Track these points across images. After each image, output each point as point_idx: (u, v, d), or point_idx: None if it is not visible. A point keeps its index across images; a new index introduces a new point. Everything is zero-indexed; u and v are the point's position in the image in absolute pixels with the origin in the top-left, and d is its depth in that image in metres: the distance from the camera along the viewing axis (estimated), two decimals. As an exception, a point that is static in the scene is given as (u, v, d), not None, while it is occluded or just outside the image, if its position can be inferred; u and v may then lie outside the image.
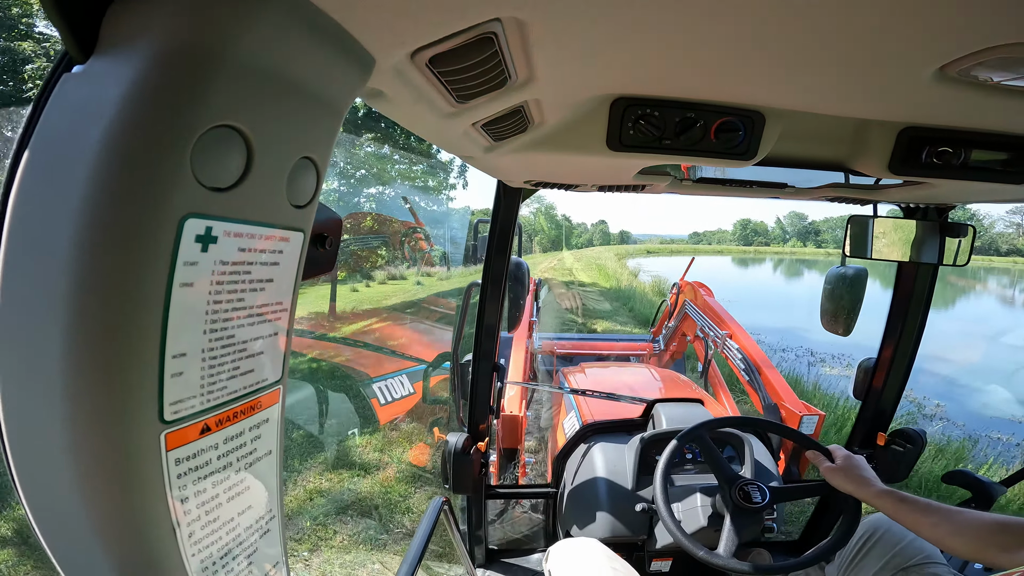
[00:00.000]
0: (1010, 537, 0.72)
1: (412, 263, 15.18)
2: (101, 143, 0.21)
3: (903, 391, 1.39)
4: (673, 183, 0.95)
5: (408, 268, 15.87)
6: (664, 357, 3.44)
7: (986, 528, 0.75)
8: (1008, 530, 0.73)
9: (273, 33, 0.24)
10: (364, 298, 10.39)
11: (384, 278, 13.40)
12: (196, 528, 0.27)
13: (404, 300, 10.38)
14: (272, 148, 0.27)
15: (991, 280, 36.04)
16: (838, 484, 0.98)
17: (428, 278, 14.77)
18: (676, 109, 0.58)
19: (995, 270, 50.22)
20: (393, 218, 12.96)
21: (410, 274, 14.91)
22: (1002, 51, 0.36)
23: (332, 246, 0.41)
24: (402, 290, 12.14)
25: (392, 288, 12.55)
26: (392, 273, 13.99)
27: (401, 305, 9.58)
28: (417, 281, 13.15)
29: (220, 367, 0.27)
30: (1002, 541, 0.72)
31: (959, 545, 0.77)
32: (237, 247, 0.27)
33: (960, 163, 0.64)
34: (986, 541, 0.74)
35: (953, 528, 0.78)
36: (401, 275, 14.19)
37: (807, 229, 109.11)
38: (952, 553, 0.82)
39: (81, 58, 0.22)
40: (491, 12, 0.32)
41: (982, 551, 0.74)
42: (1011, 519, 0.75)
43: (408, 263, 16.27)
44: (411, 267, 16.15)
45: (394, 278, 13.84)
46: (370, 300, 10.13)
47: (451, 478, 1.33)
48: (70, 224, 0.21)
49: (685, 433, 1.10)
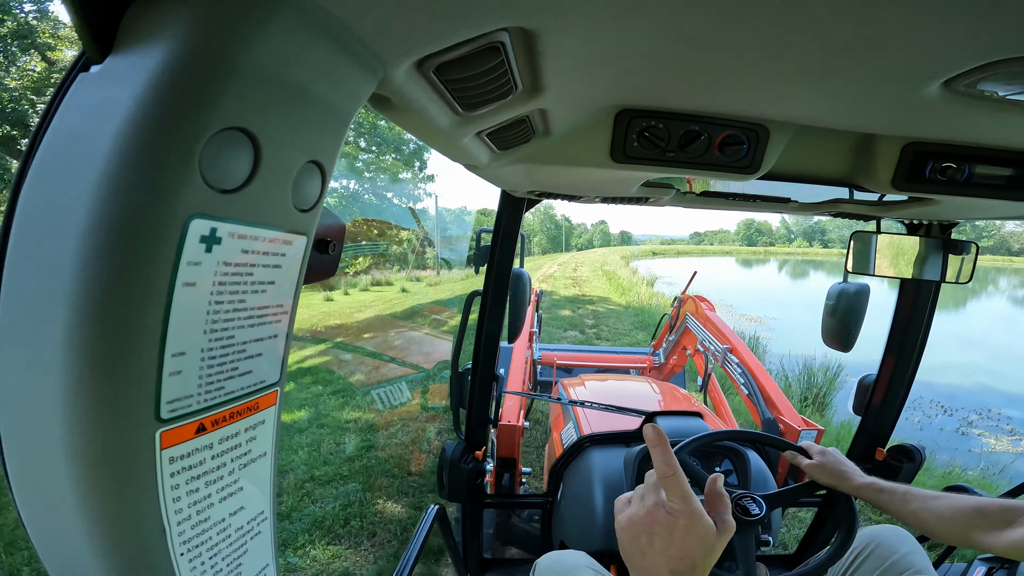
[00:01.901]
0: (988, 520, 0.77)
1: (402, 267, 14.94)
2: (113, 141, 0.22)
3: (903, 407, 1.44)
4: (676, 196, 0.97)
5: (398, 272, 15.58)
6: (664, 370, 3.50)
7: (964, 512, 0.80)
8: (985, 513, 0.78)
9: (285, 38, 0.25)
10: (335, 310, 9.50)
11: (368, 283, 12.76)
12: (187, 528, 0.28)
13: (380, 313, 9.35)
14: (279, 151, 0.28)
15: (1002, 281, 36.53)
16: (821, 479, 1.03)
17: (416, 283, 14.41)
18: (680, 121, 0.60)
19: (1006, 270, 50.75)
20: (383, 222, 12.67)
21: (397, 279, 14.58)
22: (1008, 65, 0.36)
23: (335, 251, 0.42)
24: (383, 299, 11.23)
25: (372, 296, 11.65)
26: (376, 279, 13.41)
27: (373, 321, 8.53)
28: (402, 288, 12.49)
29: (219, 367, 0.29)
30: (981, 523, 0.77)
31: (940, 530, 0.82)
32: (240, 248, 0.28)
33: (964, 179, 0.66)
34: (965, 525, 0.79)
35: (933, 514, 0.84)
36: (387, 280, 13.65)
37: (813, 229, 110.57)
38: (935, 538, 0.86)
39: (99, 58, 0.23)
40: (499, 22, 0.33)
41: (963, 534, 0.79)
42: (988, 501, 0.80)
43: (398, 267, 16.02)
44: (401, 271, 15.89)
45: (379, 284, 13.19)
46: (340, 313, 9.20)
47: (446, 486, 1.37)
48: (78, 220, 0.22)
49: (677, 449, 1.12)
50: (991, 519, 0.77)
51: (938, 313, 1.38)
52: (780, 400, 1.95)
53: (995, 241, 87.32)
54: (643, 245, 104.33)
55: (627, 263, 32.54)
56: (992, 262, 66.31)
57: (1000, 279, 37.56)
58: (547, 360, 3.53)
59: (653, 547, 0.49)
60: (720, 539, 0.49)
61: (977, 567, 1.16)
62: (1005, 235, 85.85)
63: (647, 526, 0.50)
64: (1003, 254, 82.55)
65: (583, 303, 11.80)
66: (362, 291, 12.27)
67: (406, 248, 16.59)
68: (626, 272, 22.44)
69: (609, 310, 10.86)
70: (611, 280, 18.57)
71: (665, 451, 0.50)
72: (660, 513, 0.50)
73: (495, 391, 1.45)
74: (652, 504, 0.51)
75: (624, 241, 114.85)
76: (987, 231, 78.81)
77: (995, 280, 36.23)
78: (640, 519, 0.51)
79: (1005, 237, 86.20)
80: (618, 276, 19.78)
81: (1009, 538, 0.73)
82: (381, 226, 12.60)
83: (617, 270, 23.56)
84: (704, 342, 2.75)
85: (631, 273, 22.05)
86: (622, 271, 23.13)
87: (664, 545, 0.49)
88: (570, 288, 15.55)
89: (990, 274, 41.33)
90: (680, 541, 0.48)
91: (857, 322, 1.26)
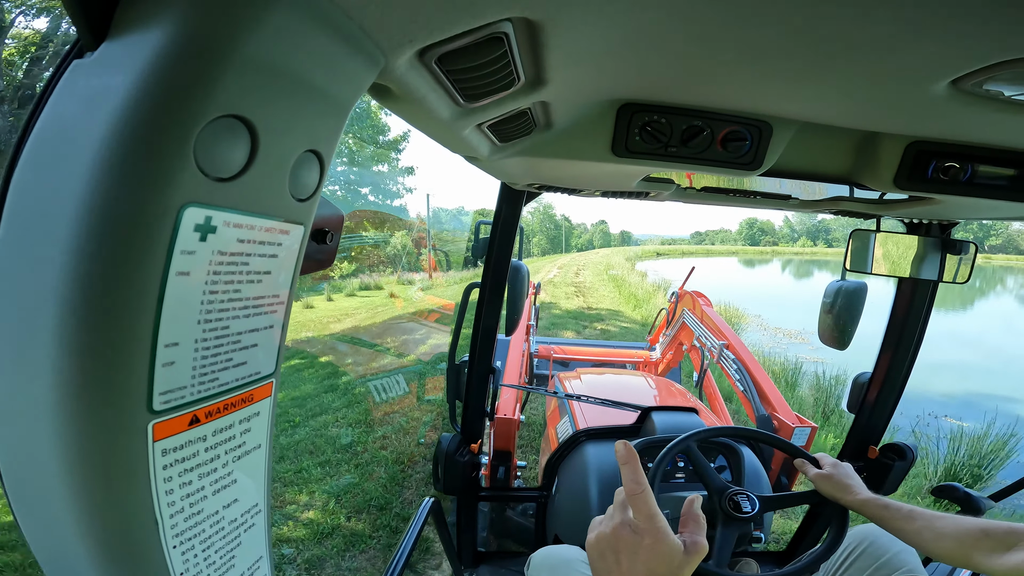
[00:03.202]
0: (992, 541, 0.77)
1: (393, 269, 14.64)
2: (107, 129, 0.22)
3: (896, 405, 1.49)
4: (677, 191, 0.99)
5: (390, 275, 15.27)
6: (660, 365, 3.54)
7: (968, 533, 0.80)
8: (990, 535, 0.78)
9: (284, 26, 0.25)
10: (313, 320, 8.84)
11: (355, 288, 12.31)
12: (180, 520, 0.29)
13: (358, 324, 8.43)
14: (277, 140, 0.28)
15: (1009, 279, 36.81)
16: (825, 490, 1.04)
17: (407, 286, 14.04)
18: (683, 116, 0.61)
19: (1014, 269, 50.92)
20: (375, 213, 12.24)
21: (389, 281, 14.31)
22: (1016, 65, 0.37)
23: (332, 241, 0.42)
24: (368, 305, 10.49)
25: (358, 302, 10.92)
26: (365, 282, 13.06)
27: (342, 336, 7.67)
28: (390, 293, 11.95)
29: (213, 358, 0.29)
30: (985, 545, 0.77)
31: (942, 550, 0.82)
32: (236, 238, 0.28)
33: (967, 179, 0.67)
34: (969, 546, 0.79)
35: (936, 534, 0.84)
36: (376, 284, 13.27)
37: (818, 228, 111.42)
38: (936, 559, 0.86)
39: (92, 45, 0.23)
40: (502, 12, 0.33)
41: (966, 556, 0.79)
42: (992, 523, 0.80)
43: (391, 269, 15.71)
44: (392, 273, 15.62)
45: (367, 288, 12.74)
46: (315, 324, 8.47)
47: (442, 478, 1.39)
48: (70, 209, 0.22)
49: (674, 443, 1.15)
50: (995, 541, 0.77)
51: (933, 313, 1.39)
52: (775, 396, 1.98)
53: (1003, 240, 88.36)
54: (644, 245, 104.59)
55: (633, 266, 30.39)
56: (1006, 261, 66.55)
57: (1008, 278, 37.88)
58: (544, 353, 3.57)
59: (620, 565, 0.51)
60: (688, 560, 0.50)
61: None
62: (1012, 233, 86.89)
63: (613, 544, 0.52)
64: (1012, 252, 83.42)
65: (590, 319, 9.78)
66: (348, 296, 11.76)
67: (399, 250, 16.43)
68: (635, 277, 20.15)
69: (624, 330, 8.93)
70: (619, 287, 16.46)
71: (635, 468, 0.51)
72: (625, 531, 0.51)
73: (492, 384, 1.47)
74: (618, 522, 0.53)
75: (624, 241, 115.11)
76: (995, 229, 79.77)
77: (1003, 279, 36.55)
78: (607, 537, 0.53)
79: (1013, 236, 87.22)
80: (627, 282, 17.70)
81: (1012, 561, 0.73)
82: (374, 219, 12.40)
83: (625, 275, 21.15)
84: (700, 338, 2.79)
85: (640, 278, 19.97)
86: (630, 276, 20.79)
87: (629, 564, 0.50)
88: (573, 298, 13.47)
89: (997, 273, 41.70)
90: (645, 560, 0.49)
91: (854, 320, 1.28)
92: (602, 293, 14.98)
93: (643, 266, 32.88)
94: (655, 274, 22.86)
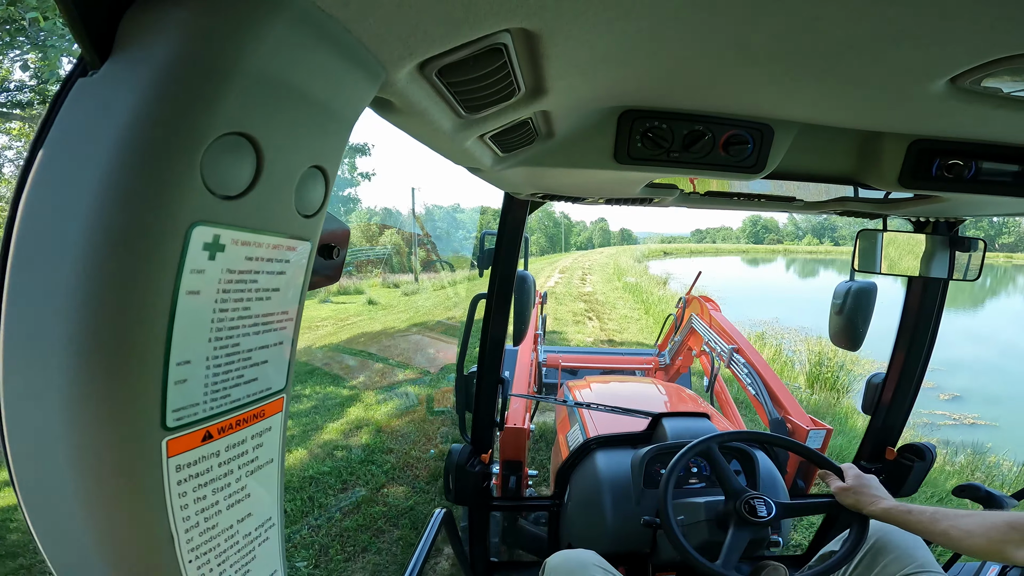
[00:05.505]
0: (1020, 534, 0.82)
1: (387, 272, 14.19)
2: (112, 148, 0.23)
3: (913, 405, 1.52)
4: (681, 197, 1.02)
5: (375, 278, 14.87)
6: (670, 371, 3.62)
7: (996, 528, 0.85)
8: (1017, 527, 0.82)
9: (286, 42, 0.27)
10: None
11: (335, 291, 11.50)
12: (195, 535, 0.30)
13: (311, 343, 7.49)
14: (282, 157, 0.29)
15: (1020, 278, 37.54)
16: (845, 501, 1.09)
17: (391, 290, 12.94)
18: (684, 122, 0.63)
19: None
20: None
21: (374, 284, 13.63)
22: (1012, 62, 0.39)
23: (339, 256, 0.45)
24: (338, 316, 9.67)
25: (329, 311, 10.16)
26: (344, 286, 12.26)
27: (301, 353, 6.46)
28: (369, 299, 11.18)
29: (224, 375, 0.30)
30: (1014, 537, 0.82)
31: (974, 547, 0.87)
32: (244, 255, 0.29)
33: (971, 176, 0.69)
34: (999, 540, 0.84)
35: (964, 532, 0.88)
36: (356, 288, 12.58)
37: (823, 225, 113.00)
38: (969, 555, 0.91)
39: (96, 63, 0.24)
40: (500, 23, 0.35)
41: (999, 551, 0.84)
42: (1016, 516, 0.85)
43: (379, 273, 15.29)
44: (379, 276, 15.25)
45: (346, 292, 12.08)
46: None
47: (453, 489, 1.45)
48: (79, 229, 0.23)
49: (694, 444, 1.18)
50: (1023, 533, 0.81)
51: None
52: (787, 399, 2.02)
53: (1015, 237, 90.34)
54: (645, 243, 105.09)
55: (645, 268, 26.51)
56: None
57: (1019, 276, 38.70)
58: (552, 362, 3.64)
59: None
60: None
61: (991, 565, 1.21)
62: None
63: None
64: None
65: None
66: (321, 303, 11.11)
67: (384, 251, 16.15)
68: (652, 284, 16.27)
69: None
70: (638, 298, 12.99)
71: None
72: None
73: (501, 394, 1.52)
74: None
75: (625, 239, 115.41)
76: (1006, 227, 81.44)
77: (1013, 277, 37.35)
78: None
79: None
80: (649, 293, 13.69)
81: None
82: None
83: (641, 282, 17.10)
84: (710, 343, 2.85)
85: (659, 286, 16.01)
86: (645, 282, 16.98)
87: None
88: (583, 318, 10.15)
89: (1009, 271, 42.62)
90: None
91: (865, 321, 1.32)
92: (622, 312, 11.43)
93: (655, 268, 30.05)
94: (676, 282, 18.23)
